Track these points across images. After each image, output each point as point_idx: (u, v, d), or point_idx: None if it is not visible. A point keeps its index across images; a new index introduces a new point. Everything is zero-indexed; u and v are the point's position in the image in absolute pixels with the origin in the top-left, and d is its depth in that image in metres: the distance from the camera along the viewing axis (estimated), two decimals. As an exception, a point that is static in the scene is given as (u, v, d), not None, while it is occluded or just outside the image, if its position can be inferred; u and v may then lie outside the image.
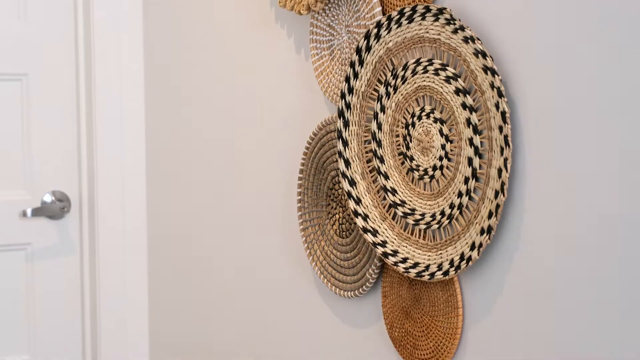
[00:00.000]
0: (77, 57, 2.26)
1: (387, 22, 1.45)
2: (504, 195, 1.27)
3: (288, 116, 1.77)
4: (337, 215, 1.64)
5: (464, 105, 1.34)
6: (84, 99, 2.26)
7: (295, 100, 1.75)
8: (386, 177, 1.49)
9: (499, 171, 1.28)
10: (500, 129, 1.27)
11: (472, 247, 1.33)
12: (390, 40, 1.45)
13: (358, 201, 1.53)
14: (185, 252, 2.15)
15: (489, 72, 1.28)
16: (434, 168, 1.40)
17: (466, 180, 1.34)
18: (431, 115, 1.40)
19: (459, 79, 1.34)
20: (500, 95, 1.26)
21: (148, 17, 2.26)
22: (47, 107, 2.25)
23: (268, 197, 1.84)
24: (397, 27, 1.43)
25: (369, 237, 1.50)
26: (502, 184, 1.27)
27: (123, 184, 2.28)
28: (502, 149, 1.27)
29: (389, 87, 1.47)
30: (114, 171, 2.27)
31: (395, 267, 1.46)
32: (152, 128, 2.27)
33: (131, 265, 2.30)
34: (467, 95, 1.33)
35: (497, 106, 1.27)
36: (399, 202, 1.47)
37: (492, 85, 1.28)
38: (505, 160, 1.26)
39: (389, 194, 1.48)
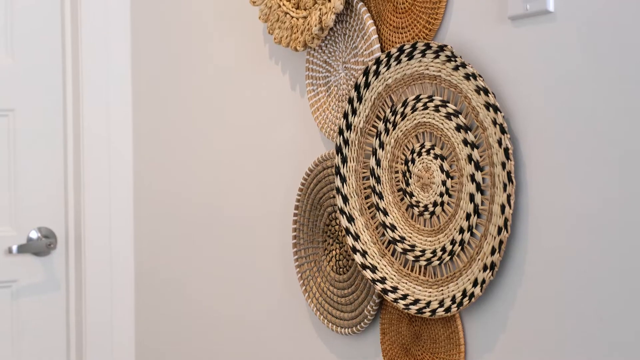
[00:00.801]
0: (65, 93, 2.25)
1: (386, 59, 1.45)
2: (507, 232, 1.27)
3: (283, 152, 1.77)
4: (334, 252, 1.63)
5: (465, 142, 1.34)
6: (72, 134, 2.25)
7: (290, 136, 1.75)
8: (385, 214, 1.48)
9: (502, 207, 1.28)
10: (503, 165, 1.27)
11: (475, 284, 1.32)
12: (390, 77, 1.46)
13: (356, 237, 1.53)
14: (175, 290, 2.13)
15: (491, 109, 1.29)
16: (435, 204, 1.40)
17: (468, 217, 1.34)
18: (431, 151, 1.40)
19: (460, 115, 1.35)
20: (503, 132, 1.27)
21: (138, 54, 2.25)
22: (34, 142, 2.23)
23: (262, 234, 1.83)
24: (396, 64, 1.44)
25: (368, 274, 1.50)
26: (506, 220, 1.27)
27: (110, 220, 2.26)
28: (505, 186, 1.27)
29: (388, 124, 1.47)
30: (101, 207, 2.25)
31: (395, 303, 1.45)
32: (141, 163, 2.25)
33: (118, 303, 2.27)
34: (469, 131, 1.34)
35: (499, 143, 1.28)
36: (398, 238, 1.47)
37: (494, 122, 1.29)
38: (509, 196, 1.27)
39: (388, 230, 1.48)
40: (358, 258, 1.51)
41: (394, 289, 1.46)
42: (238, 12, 1.88)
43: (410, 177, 1.44)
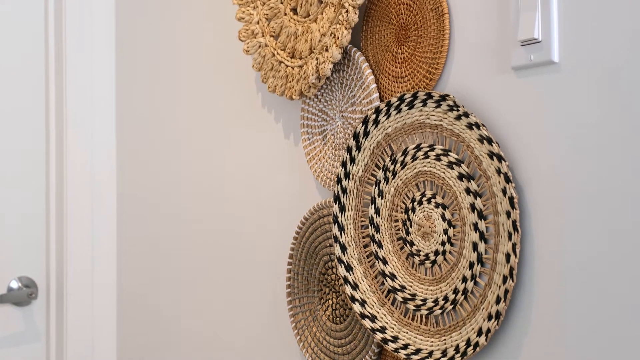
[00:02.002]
0: (48, 141, 2.23)
1: (386, 108, 1.46)
2: (513, 281, 1.27)
3: (276, 200, 1.76)
4: (330, 301, 1.62)
5: (467, 191, 1.35)
6: (54, 182, 2.22)
7: (284, 184, 1.74)
8: (384, 262, 1.48)
9: (507, 256, 1.28)
10: (508, 214, 1.28)
11: (479, 333, 1.32)
12: (389, 126, 1.46)
13: (355, 286, 1.52)
14: (161, 339, 2.10)
15: (495, 158, 1.30)
16: (436, 253, 1.40)
17: (471, 265, 1.34)
18: (432, 200, 1.41)
19: (462, 164, 1.36)
20: (507, 180, 1.28)
21: (124, 100, 2.25)
22: (15, 189, 2.20)
23: (255, 283, 1.82)
24: (396, 113, 1.45)
25: (367, 323, 1.48)
26: (511, 269, 1.27)
27: (93, 268, 2.23)
28: (510, 234, 1.28)
29: (387, 172, 1.48)
30: (84, 255, 2.22)
31: (396, 353, 1.44)
32: (126, 212, 2.23)
33: (100, 354, 2.23)
34: (472, 180, 1.34)
35: (504, 191, 1.28)
36: (398, 287, 1.46)
37: (498, 171, 1.29)
38: (514, 245, 1.27)
39: (387, 279, 1.47)
40: (357, 307, 1.50)
41: (395, 339, 1.45)
42: (230, 59, 1.88)
43: (411, 226, 1.44)
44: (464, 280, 1.35)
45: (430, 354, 1.40)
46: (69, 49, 2.23)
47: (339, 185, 1.54)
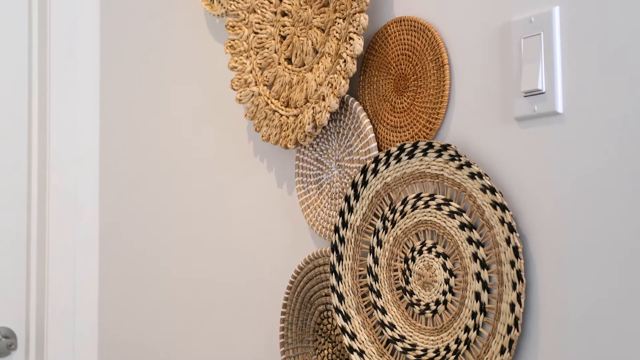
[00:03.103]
0: (30, 186, 2.20)
1: (385, 157, 1.46)
2: (518, 331, 1.27)
3: (269, 249, 1.75)
4: (325, 351, 1.60)
5: (469, 240, 1.35)
6: (35, 229, 2.19)
7: (277, 233, 1.73)
8: (383, 312, 1.47)
9: (512, 306, 1.28)
10: (512, 263, 1.28)
11: (483, 383, 1.31)
12: (389, 175, 1.47)
13: (353, 336, 1.51)
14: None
15: (498, 208, 1.30)
16: (437, 303, 1.40)
17: (474, 315, 1.34)
18: (433, 249, 1.41)
19: (464, 214, 1.36)
20: (511, 230, 1.28)
21: (106, 145, 2.23)
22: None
23: (247, 333, 1.79)
24: (396, 163, 1.45)
25: (366, 374, 1.47)
26: (516, 319, 1.27)
27: (74, 319, 2.19)
28: (514, 284, 1.28)
29: (386, 222, 1.47)
30: (65, 305, 2.19)
31: (396, 404, 1.42)
32: (109, 265, 2.20)
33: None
34: (474, 230, 1.35)
35: (507, 241, 1.29)
36: (397, 337, 1.45)
37: (502, 221, 1.30)
38: (519, 295, 1.27)
39: (386, 329, 1.47)
40: (355, 358, 1.49)
41: (395, 390, 1.44)
42: (221, 106, 1.88)
43: (411, 275, 1.44)
44: (467, 330, 1.35)
45: (432, 405, 1.38)
46: (53, 95, 2.22)
47: (337, 234, 1.54)
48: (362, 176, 1.50)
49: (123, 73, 2.22)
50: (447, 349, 1.38)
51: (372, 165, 1.48)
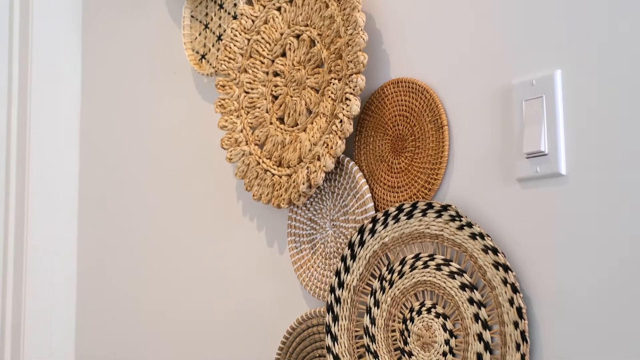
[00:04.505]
0: (7, 237, 2.17)
1: (383, 217, 1.46)
2: (522, 392, 1.27)
3: (259, 309, 1.73)
4: (319, 414, 1.58)
5: (470, 301, 1.35)
6: (11, 280, 2.16)
7: (268, 293, 1.71)
8: (381, 374, 1.46)
9: (516, 367, 1.28)
10: (516, 324, 1.28)
11: None
12: (387, 236, 1.47)
13: (349, 399, 1.49)
14: None
15: (500, 268, 1.31)
16: (437, 364, 1.39)
17: (476, 376, 1.34)
18: (432, 310, 1.40)
19: (464, 274, 1.36)
20: (515, 291, 1.28)
21: (85, 205, 2.20)
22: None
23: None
24: (394, 223, 1.45)
25: None
26: (521, 380, 1.27)
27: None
28: (518, 345, 1.28)
29: (384, 282, 1.47)
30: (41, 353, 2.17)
31: None
32: (86, 330, 2.16)
33: None
34: (475, 290, 1.35)
35: (511, 302, 1.29)
36: (396, 399, 1.44)
37: (504, 281, 1.30)
38: (523, 356, 1.27)
39: (384, 391, 1.45)
40: (352, 420, 1.47)
41: None
42: (210, 164, 1.88)
43: (409, 336, 1.43)
44: (468, 391, 1.34)
45: None
46: (33, 153, 2.20)
47: (332, 294, 1.53)
48: (359, 236, 1.50)
49: (108, 133, 2.21)
50: (448, 411, 1.37)
51: (370, 225, 1.48)
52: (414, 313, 1.43)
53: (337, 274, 1.52)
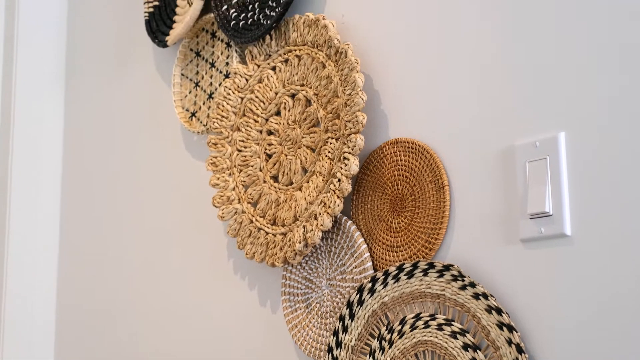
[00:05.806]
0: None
1: (383, 276, 1.46)
2: None
3: (251, 370, 1.71)
4: None
5: (473, 361, 1.35)
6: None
7: (261, 353, 1.69)
8: None
9: None
10: (521, 384, 1.28)
11: None
12: (386, 295, 1.46)
13: None
14: None
15: (505, 328, 1.31)
16: None
17: None
18: (434, 370, 1.40)
19: (467, 334, 1.36)
20: (520, 351, 1.28)
21: (65, 266, 2.17)
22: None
23: None
24: (394, 282, 1.45)
25: None
26: None
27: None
28: (524, 405, 1.27)
29: (383, 342, 1.46)
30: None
31: None
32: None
33: None
34: (478, 350, 1.34)
35: (516, 362, 1.29)
36: None
37: (509, 342, 1.30)
38: (529, 416, 1.27)
39: None
40: None
41: None
42: (200, 223, 1.86)
43: (410, 397, 1.42)
44: None
45: None
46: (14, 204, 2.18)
47: (330, 354, 1.51)
48: (358, 295, 1.49)
49: (94, 189, 2.19)
50: None
51: (369, 285, 1.48)
52: (414, 373, 1.42)
53: (335, 333, 1.51)
